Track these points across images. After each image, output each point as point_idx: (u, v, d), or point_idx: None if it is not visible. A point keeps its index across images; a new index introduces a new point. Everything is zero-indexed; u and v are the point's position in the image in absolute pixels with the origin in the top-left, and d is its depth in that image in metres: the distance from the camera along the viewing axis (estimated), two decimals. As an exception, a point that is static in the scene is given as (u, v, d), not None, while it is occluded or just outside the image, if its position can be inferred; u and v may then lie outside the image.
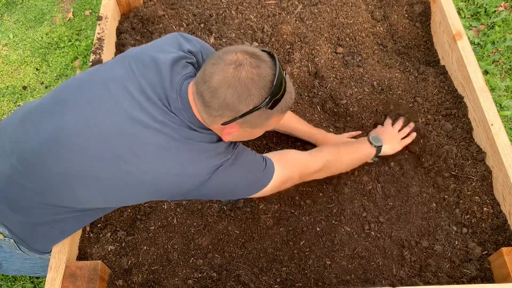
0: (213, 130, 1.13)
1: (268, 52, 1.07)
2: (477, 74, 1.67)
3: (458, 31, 1.81)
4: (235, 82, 1.00)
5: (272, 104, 1.03)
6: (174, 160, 1.07)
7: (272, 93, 1.02)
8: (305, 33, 1.87)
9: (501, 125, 1.55)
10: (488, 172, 1.55)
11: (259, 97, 1.02)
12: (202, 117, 1.09)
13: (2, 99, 2.45)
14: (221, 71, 1.01)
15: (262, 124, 1.10)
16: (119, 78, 1.13)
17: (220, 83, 1.01)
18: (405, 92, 1.76)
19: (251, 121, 1.07)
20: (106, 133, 1.07)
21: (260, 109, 1.03)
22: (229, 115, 1.04)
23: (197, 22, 1.94)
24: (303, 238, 1.43)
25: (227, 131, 1.10)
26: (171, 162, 1.07)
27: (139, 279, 1.33)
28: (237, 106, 1.02)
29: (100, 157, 1.07)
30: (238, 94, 1.01)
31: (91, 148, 1.07)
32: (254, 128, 1.11)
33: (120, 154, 1.06)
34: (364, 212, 1.47)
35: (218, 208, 1.47)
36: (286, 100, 1.07)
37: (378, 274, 1.37)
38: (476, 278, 1.36)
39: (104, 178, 1.09)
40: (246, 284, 1.33)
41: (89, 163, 1.08)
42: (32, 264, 1.55)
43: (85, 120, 1.09)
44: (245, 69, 1.01)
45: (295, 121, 1.59)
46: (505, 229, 1.45)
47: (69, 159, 1.09)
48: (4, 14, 2.88)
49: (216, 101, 1.02)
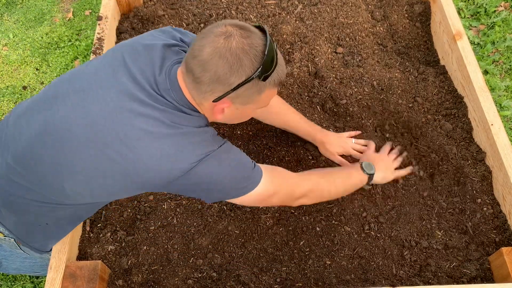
0: (204, 110, 1.10)
1: (257, 26, 1.05)
2: (477, 74, 1.67)
3: (458, 31, 1.81)
4: (226, 52, 0.98)
5: (264, 74, 1.00)
6: (158, 145, 1.03)
7: (264, 62, 0.99)
8: (305, 33, 1.87)
9: (501, 125, 1.55)
10: (488, 172, 1.55)
11: (251, 68, 0.99)
12: (193, 96, 1.06)
13: (2, 99, 2.45)
14: (211, 43, 0.99)
15: (254, 99, 1.07)
16: (109, 67, 1.11)
17: (210, 55, 0.98)
18: (405, 92, 1.76)
19: (243, 96, 1.04)
20: (93, 120, 1.05)
21: (252, 81, 1.00)
22: (220, 89, 1.01)
23: (197, 22, 1.94)
24: (303, 238, 1.43)
25: (219, 108, 1.07)
26: (155, 147, 1.03)
27: (139, 279, 1.33)
28: (228, 78, 0.99)
29: (86, 146, 1.05)
30: (230, 65, 0.98)
31: (78, 137, 1.05)
32: (246, 105, 1.08)
33: (105, 141, 1.04)
34: (364, 212, 1.47)
35: (218, 208, 1.47)
36: (278, 72, 1.04)
37: (378, 274, 1.37)
38: (476, 278, 1.37)
39: (89, 168, 1.06)
40: (246, 284, 1.33)
41: (75, 153, 1.06)
42: (32, 263, 1.56)
43: (73, 110, 1.07)
44: (236, 39, 0.98)
45: (294, 115, 1.56)
46: (505, 229, 1.45)
47: (57, 149, 1.07)
48: (4, 14, 2.88)
49: (207, 74, 1.00)
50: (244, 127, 1.65)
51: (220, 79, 1.00)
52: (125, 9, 2.00)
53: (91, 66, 1.15)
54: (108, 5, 1.90)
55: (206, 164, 1.07)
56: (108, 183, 1.08)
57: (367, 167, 1.44)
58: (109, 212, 1.46)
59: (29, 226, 1.25)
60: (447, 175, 1.56)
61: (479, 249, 1.42)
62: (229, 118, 1.14)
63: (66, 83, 1.14)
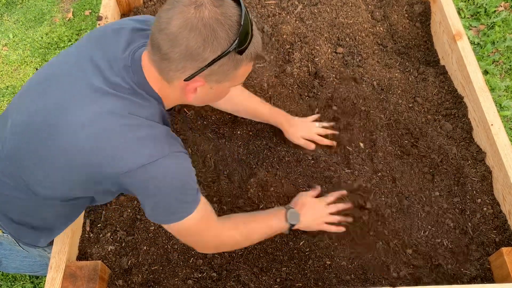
0: (173, 90, 1.01)
1: None
2: (477, 74, 1.67)
3: (458, 31, 1.81)
4: (198, 23, 0.88)
5: (241, 47, 0.91)
6: (103, 136, 0.95)
7: (240, 34, 0.89)
8: (305, 33, 1.87)
9: (501, 125, 1.55)
10: (488, 172, 1.55)
11: (227, 40, 0.90)
12: (160, 74, 0.97)
13: (2, 99, 2.45)
14: (180, 14, 0.89)
15: (230, 76, 0.98)
16: (77, 54, 1.08)
17: (180, 27, 0.88)
18: (405, 92, 1.76)
19: (218, 72, 0.95)
20: (49, 110, 1.01)
21: (228, 55, 0.91)
22: (193, 66, 0.92)
23: (197, 22, 1.93)
24: (303, 238, 1.43)
25: (191, 88, 0.98)
26: (99, 138, 0.96)
27: (139, 279, 1.33)
28: (202, 53, 0.90)
29: (40, 137, 1.01)
30: (203, 37, 0.88)
31: (37, 129, 1.02)
32: (221, 82, 0.99)
33: (58, 130, 0.98)
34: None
35: (218, 208, 1.47)
36: (254, 44, 0.96)
37: (378, 274, 1.37)
38: (476, 278, 1.37)
39: (47, 159, 1.02)
40: (246, 284, 1.33)
41: (37, 145, 1.03)
42: (31, 263, 1.56)
43: (36, 101, 1.05)
44: (208, 8, 0.88)
45: (256, 100, 1.50)
46: (505, 229, 1.45)
47: (27, 141, 1.05)
48: (4, 14, 2.88)
49: (177, 50, 0.90)
50: (244, 127, 1.66)
51: (192, 55, 0.90)
52: (125, 9, 2.00)
53: (64, 53, 1.13)
54: (108, 5, 1.90)
55: (154, 166, 0.97)
56: (61, 173, 1.04)
57: (291, 217, 1.33)
58: (109, 212, 1.46)
59: (15, 224, 1.25)
60: (447, 175, 1.56)
61: (479, 249, 1.42)
62: (201, 99, 1.05)
63: (41, 71, 1.12)
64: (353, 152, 1.59)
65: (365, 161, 1.58)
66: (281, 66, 1.80)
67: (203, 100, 1.08)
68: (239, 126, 1.65)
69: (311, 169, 1.55)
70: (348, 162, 1.57)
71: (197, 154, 1.58)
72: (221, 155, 1.60)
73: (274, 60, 1.82)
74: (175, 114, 1.68)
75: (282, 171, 1.55)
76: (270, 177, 1.51)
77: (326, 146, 1.59)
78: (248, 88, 1.72)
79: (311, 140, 1.57)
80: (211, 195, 1.50)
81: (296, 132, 1.55)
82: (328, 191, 1.49)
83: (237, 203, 1.48)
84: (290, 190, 1.50)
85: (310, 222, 1.37)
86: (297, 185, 1.52)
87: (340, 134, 1.62)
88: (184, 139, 1.62)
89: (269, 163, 1.56)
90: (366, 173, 1.55)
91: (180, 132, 1.64)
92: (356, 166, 1.56)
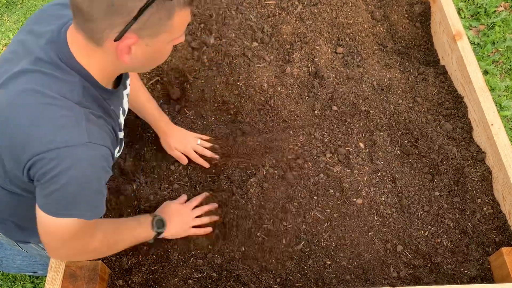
0: (106, 56, 0.92)
1: None
2: (477, 74, 1.68)
3: (458, 31, 1.81)
4: None
5: None
6: (17, 116, 0.90)
7: None
8: (305, 33, 1.87)
9: (501, 125, 1.55)
10: (488, 172, 1.55)
11: None
12: (88, 39, 0.89)
13: (2, 99, 2.45)
14: None
15: (165, 27, 0.88)
16: (14, 40, 1.04)
17: None
18: (405, 92, 1.77)
19: (150, 24, 0.86)
20: None
21: (156, 1, 0.82)
22: (120, 22, 0.83)
23: (197, 22, 1.93)
24: (303, 239, 1.43)
25: (123, 48, 0.88)
26: (13, 118, 0.90)
27: (139, 279, 1.33)
28: (126, 4, 0.81)
29: None
30: None
31: None
32: (157, 36, 0.89)
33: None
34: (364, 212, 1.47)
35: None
36: None
37: (378, 274, 1.37)
38: (476, 278, 1.37)
39: None
40: (246, 284, 1.33)
41: None
42: (32, 263, 1.56)
43: None
44: None
45: (146, 99, 1.43)
46: (505, 229, 1.45)
47: None
48: (4, 14, 2.88)
49: (97, 5, 0.81)
50: (244, 127, 1.66)
51: (115, 8, 0.81)
52: (125, 9, 2.00)
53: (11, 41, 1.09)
54: (108, 5, 1.90)
55: (64, 152, 0.89)
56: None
57: (158, 224, 1.30)
58: (109, 212, 1.46)
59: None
60: (447, 175, 1.56)
61: (479, 249, 1.42)
62: (140, 60, 0.95)
63: None
64: (353, 152, 1.60)
65: (365, 161, 1.58)
66: (281, 66, 1.80)
67: (143, 62, 0.96)
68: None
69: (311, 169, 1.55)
70: (348, 162, 1.57)
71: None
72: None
73: (274, 60, 1.82)
74: (175, 114, 1.68)
75: (280, 169, 1.55)
76: (270, 177, 1.52)
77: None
78: (248, 88, 1.72)
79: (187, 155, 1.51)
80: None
81: (172, 142, 1.50)
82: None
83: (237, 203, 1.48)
84: (289, 190, 1.50)
85: (177, 229, 1.34)
86: (293, 185, 1.52)
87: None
88: (184, 139, 1.63)
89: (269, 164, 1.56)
90: (366, 173, 1.55)
91: (180, 132, 1.64)
92: (356, 166, 1.56)
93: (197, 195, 1.48)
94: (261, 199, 1.48)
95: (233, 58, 1.78)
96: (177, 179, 1.54)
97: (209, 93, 1.71)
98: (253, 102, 1.71)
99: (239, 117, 1.68)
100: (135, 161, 1.55)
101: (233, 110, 1.71)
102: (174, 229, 1.34)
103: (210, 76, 1.74)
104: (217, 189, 1.48)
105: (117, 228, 1.20)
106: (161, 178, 1.53)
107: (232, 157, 1.57)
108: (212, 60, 1.79)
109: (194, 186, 1.52)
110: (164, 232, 1.31)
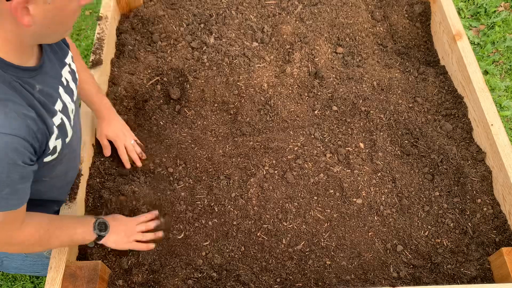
0: (5, 26, 0.82)
1: None
2: (477, 74, 1.68)
3: (458, 31, 1.81)
4: None
5: None
6: None
7: None
8: (305, 33, 1.87)
9: (501, 125, 1.55)
10: (488, 172, 1.55)
11: None
12: None
13: (2, 99, 2.45)
14: None
15: None
16: None
17: None
18: (405, 92, 1.77)
19: None
20: None
21: None
22: None
23: (197, 22, 1.94)
24: (303, 239, 1.43)
25: (20, 10, 0.77)
26: None
27: (139, 279, 1.33)
28: None
29: None
30: None
31: None
32: None
33: None
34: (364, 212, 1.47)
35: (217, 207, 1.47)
36: None
37: (378, 274, 1.37)
38: (476, 278, 1.37)
39: None
40: (246, 284, 1.33)
41: None
42: (32, 263, 1.55)
43: None
44: None
45: (87, 82, 1.38)
46: (505, 229, 1.45)
47: None
48: None
49: None
50: (244, 127, 1.66)
51: None
52: (125, 9, 2.00)
53: None
54: (108, 5, 1.90)
55: None
56: None
57: (100, 227, 1.26)
58: (109, 212, 1.46)
59: None
60: (447, 175, 1.56)
61: (479, 249, 1.42)
62: (44, 23, 0.83)
63: None
64: (353, 152, 1.60)
65: (365, 161, 1.58)
66: (281, 66, 1.80)
67: (48, 25, 0.85)
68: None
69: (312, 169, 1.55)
70: (348, 162, 1.57)
71: (197, 154, 1.58)
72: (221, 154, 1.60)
73: (274, 60, 1.82)
74: (175, 114, 1.68)
75: (281, 170, 1.55)
76: (270, 177, 1.52)
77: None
78: (248, 88, 1.72)
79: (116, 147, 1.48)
80: (211, 195, 1.50)
81: (105, 129, 1.46)
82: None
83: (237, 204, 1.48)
84: (288, 190, 1.50)
85: (119, 239, 1.31)
86: (293, 185, 1.52)
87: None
88: (184, 139, 1.63)
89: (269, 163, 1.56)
90: (366, 173, 1.55)
91: (180, 132, 1.64)
92: (356, 166, 1.56)
93: (197, 195, 1.48)
94: (261, 199, 1.48)
95: (233, 58, 1.78)
96: (176, 179, 1.54)
97: (209, 93, 1.71)
98: (253, 102, 1.71)
99: (239, 117, 1.68)
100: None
101: (233, 110, 1.71)
102: (117, 238, 1.30)
103: (210, 76, 1.74)
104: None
105: (53, 225, 1.15)
106: (160, 178, 1.53)
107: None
108: (212, 60, 1.79)
109: (194, 186, 1.52)
110: (105, 237, 1.28)
